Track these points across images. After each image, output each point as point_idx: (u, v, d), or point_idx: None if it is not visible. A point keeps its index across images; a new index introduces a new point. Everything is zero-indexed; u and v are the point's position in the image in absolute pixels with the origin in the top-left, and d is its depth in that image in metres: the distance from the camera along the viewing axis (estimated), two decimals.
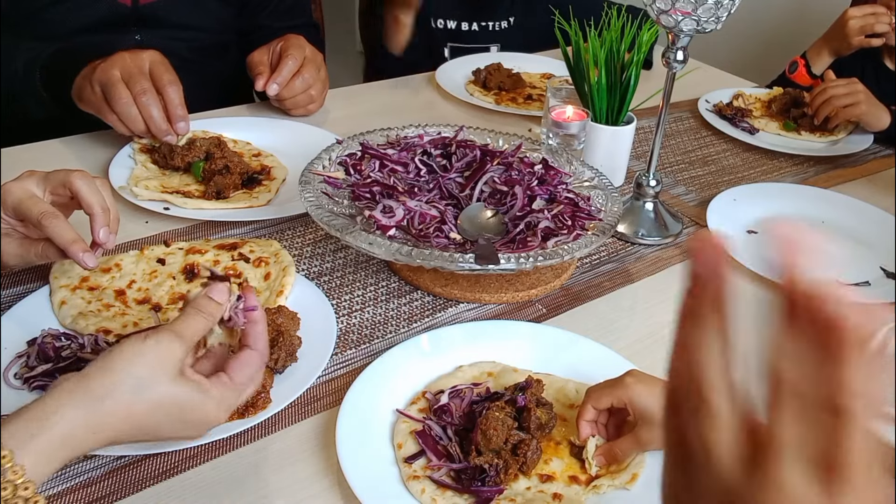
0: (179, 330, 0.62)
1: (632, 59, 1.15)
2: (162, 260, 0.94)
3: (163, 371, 0.60)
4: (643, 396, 0.70)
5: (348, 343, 0.89)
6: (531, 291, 0.97)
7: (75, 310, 0.85)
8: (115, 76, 1.08)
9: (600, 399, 0.73)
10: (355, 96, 1.55)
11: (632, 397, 0.70)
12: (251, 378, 0.66)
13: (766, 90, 1.65)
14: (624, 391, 0.71)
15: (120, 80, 1.08)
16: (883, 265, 1.10)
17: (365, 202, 0.96)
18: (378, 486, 0.68)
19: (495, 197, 1.00)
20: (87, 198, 0.80)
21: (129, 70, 1.09)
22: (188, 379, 0.62)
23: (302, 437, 0.76)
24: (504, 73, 1.58)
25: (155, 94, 1.10)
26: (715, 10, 0.92)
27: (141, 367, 0.59)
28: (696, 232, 0.72)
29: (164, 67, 1.12)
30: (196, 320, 0.64)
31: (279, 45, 1.33)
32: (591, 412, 0.73)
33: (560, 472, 0.72)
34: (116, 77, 1.08)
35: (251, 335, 0.67)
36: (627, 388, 0.71)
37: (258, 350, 0.67)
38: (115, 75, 1.08)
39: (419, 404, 0.78)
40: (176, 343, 0.61)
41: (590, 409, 0.73)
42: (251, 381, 0.66)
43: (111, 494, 0.68)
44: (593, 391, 0.74)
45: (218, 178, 1.11)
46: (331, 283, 0.98)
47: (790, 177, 1.37)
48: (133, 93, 1.08)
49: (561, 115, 1.26)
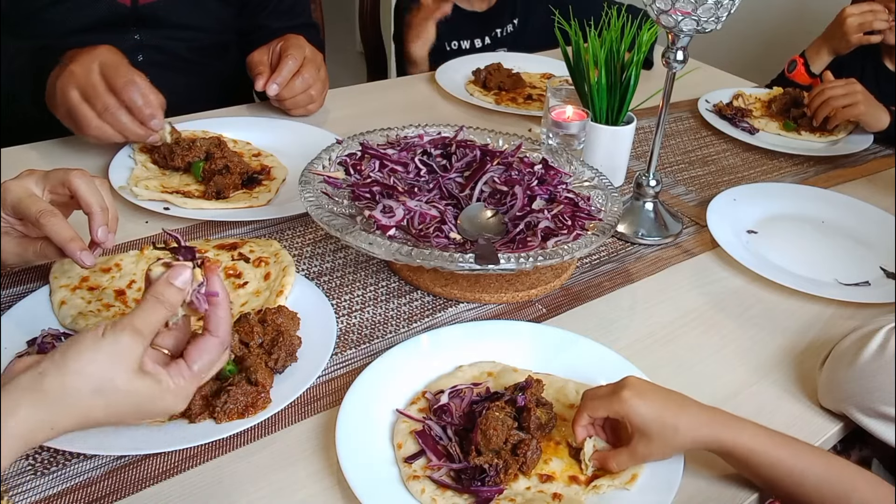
0: (138, 325, 0.61)
1: (632, 59, 1.15)
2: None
3: (121, 369, 0.59)
4: (640, 410, 0.69)
5: (348, 343, 0.89)
6: (531, 291, 0.97)
7: (75, 310, 0.85)
8: (74, 98, 1.06)
9: (596, 410, 0.72)
10: (355, 96, 1.55)
11: (628, 413, 0.69)
12: (210, 364, 0.65)
13: (766, 90, 1.65)
14: (620, 406, 0.70)
15: (81, 102, 1.06)
16: (883, 265, 1.10)
17: (365, 202, 0.96)
18: (378, 486, 0.68)
19: (495, 197, 1.00)
20: (86, 197, 0.80)
21: (85, 86, 1.06)
22: (146, 374, 0.61)
23: (302, 437, 0.76)
24: (504, 73, 1.58)
25: (118, 105, 1.07)
26: (715, 10, 0.92)
27: (98, 368, 0.58)
28: None
29: (115, 68, 1.08)
30: (155, 311, 0.62)
31: (279, 45, 1.33)
32: (586, 419, 0.73)
33: (560, 472, 0.72)
34: (76, 99, 1.06)
35: (212, 320, 0.65)
36: (624, 403, 0.69)
37: (219, 337, 0.65)
38: (74, 97, 1.06)
39: (419, 404, 0.78)
40: (134, 339, 0.60)
41: (585, 416, 0.73)
42: (210, 367, 0.65)
43: (111, 494, 0.68)
44: (589, 399, 0.73)
45: (218, 178, 1.11)
46: (331, 283, 0.98)
47: (790, 177, 1.37)
48: (97, 112, 1.06)
49: (561, 115, 1.26)
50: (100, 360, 0.58)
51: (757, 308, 1.00)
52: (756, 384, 0.87)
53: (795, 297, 1.01)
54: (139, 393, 0.60)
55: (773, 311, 0.99)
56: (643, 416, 0.69)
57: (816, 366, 0.87)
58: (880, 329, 0.79)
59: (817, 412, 0.84)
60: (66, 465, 0.70)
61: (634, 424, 0.70)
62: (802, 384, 0.87)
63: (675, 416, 0.69)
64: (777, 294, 1.02)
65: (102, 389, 0.58)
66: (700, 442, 0.69)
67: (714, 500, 0.72)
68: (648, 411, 0.69)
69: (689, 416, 0.69)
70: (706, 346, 0.93)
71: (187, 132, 1.24)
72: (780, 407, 0.84)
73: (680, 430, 0.68)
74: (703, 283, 1.05)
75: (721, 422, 0.70)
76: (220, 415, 0.73)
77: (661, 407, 0.69)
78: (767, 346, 0.93)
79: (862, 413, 0.78)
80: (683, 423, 0.69)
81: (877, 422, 0.78)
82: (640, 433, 0.70)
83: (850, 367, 0.79)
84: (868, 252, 1.13)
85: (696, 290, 1.03)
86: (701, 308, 0.99)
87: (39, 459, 0.70)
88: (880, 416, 0.77)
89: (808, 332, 0.96)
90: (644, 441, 0.69)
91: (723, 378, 0.88)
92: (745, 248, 1.10)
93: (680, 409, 0.70)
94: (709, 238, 1.12)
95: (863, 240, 1.16)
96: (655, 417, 0.69)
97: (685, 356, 0.90)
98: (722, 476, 0.74)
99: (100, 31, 1.31)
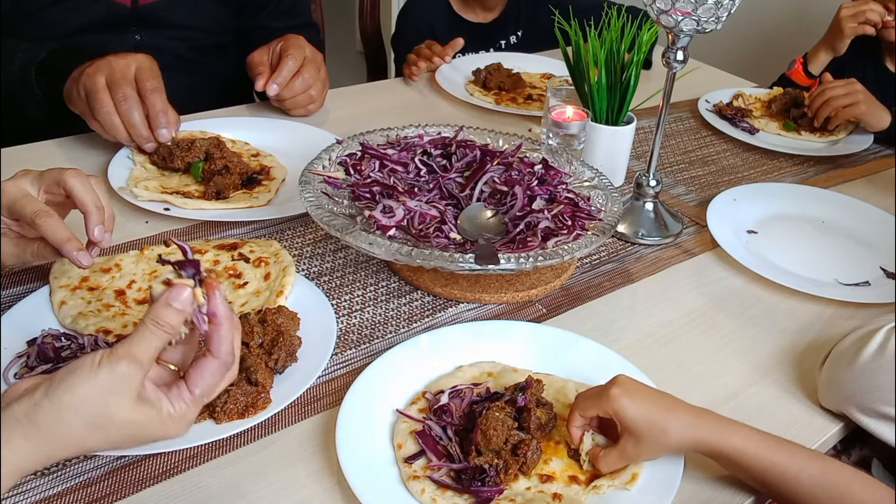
0: (135, 352, 0.58)
1: (632, 59, 1.15)
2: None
3: (117, 400, 0.57)
4: (629, 410, 0.69)
5: (348, 343, 0.89)
6: (531, 291, 0.97)
7: (75, 310, 0.85)
8: (99, 83, 1.07)
9: (587, 409, 0.72)
10: (355, 96, 1.55)
11: (617, 410, 0.69)
12: (213, 388, 0.63)
13: (766, 90, 1.65)
14: (609, 404, 0.69)
15: (104, 88, 1.07)
16: (883, 265, 1.10)
17: (365, 202, 0.96)
18: (378, 486, 0.68)
19: (495, 197, 1.00)
20: (81, 196, 0.80)
21: (114, 76, 1.08)
22: (145, 401, 0.59)
23: (302, 437, 0.76)
24: (504, 73, 1.58)
25: (137, 101, 1.08)
26: (715, 10, 0.92)
27: (94, 402, 0.56)
28: None
29: (150, 73, 1.10)
30: (154, 337, 0.59)
31: (279, 45, 1.33)
32: (578, 420, 0.73)
33: (560, 472, 0.72)
34: (101, 84, 1.07)
35: (214, 340, 0.62)
36: (612, 400, 0.69)
37: (220, 359, 0.62)
38: (100, 82, 1.07)
39: (419, 404, 0.78)
40: (132, 368, 0.57)
41: (577, 417, 0.73)
42: (212, 390, 0.63)
43: (111, 494, 0.68)
44: (580, 400, 0.73)
45: (217, 178, 1.11)
46: (331, 283, 0.98)
47: (790, 177, 1.37)
48: (114, 100, 1.07)
49: (561, 115, 1.26)
50: (95, 394, 0.56)
51: (757, 308, 1.00)
52: (756, 384, 0.87)
53: (795, 297, 1.01)
54: (137, 423, 0.59)
55: (773, 311, 0.99)
56: (632, 414, 0.68)
57: (816, 366, 0.87)
58: (880, 329, 0.79)
59: (817, 412, 0.84)
60: (66, 465, 0.70)
61: (623, 423, 0.69)
62: (802, 384, 0.87)
63: (664, 418, 0.68)
64: (777, 294, 1.02)
65: (98, 423, 0.57)
66: (690, 444, 0.69)
67: (714, 500, 0.72)
68: (637, 410, 0.68)
69: (679, 417, 0.69)
70: (706, 346, 0.93)
71: (185, 132, 1.24)
72: (780, 407, 0.84)
73: (669, 432, 0.68)
74: (703, 283, 1.05)
75: (712, 424, 0.69)
76: (220, 415, 0.73)
77: (650, 407, 0.69)
78: (767, 346, 0.93)
79: (862, 413, 0.78)
80: (673, 424, 0.68)
81: (877, 421, 0.78)
82: (628, 433, 0.69)
83: (849, 366, 0.79)
84: (868, 252, 1.13)
85: (696, 290, 1.03)
86: (701, 308, 0.99)
87: None
88: (880, 415, 0.77)
89: (808, 332, 0.96)
90: (633, 441, 0.69)
91: (723, 378, 0.87)
92: (745, 248, 1.10)
93: (669, 411, 0.69)
94: (709, 238, 1.12)
95: (863, 240, 1.16)
96: (644, 417, 0.68)
97: (685, 356, 0.90)
98: (722, 476, 0.74)
99: (100, 31, 1.32)
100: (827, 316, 0.99)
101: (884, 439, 0.77)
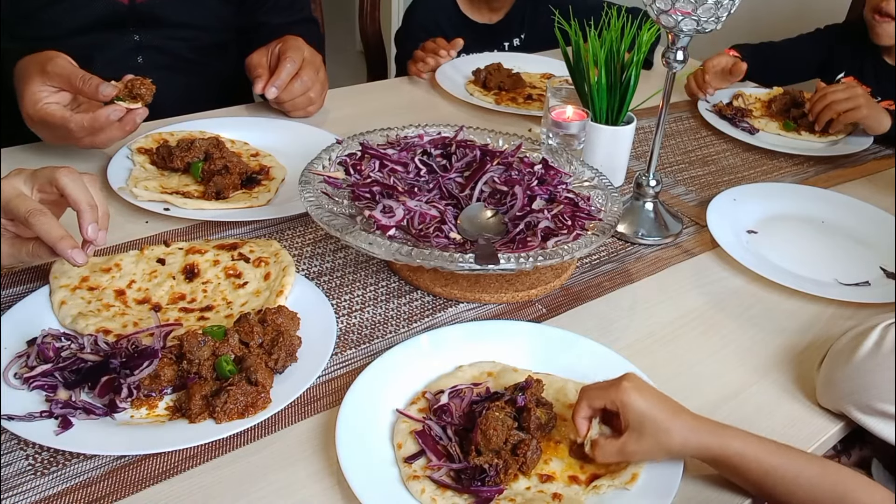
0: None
1: (632, 59, 1.15)
2: (162, 260, 0.94)
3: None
4: (637, 402, 0.69)
5: (348, 343, 0.89)
6: (531, 291, 0.97)
7: (75, 310, 0.85)
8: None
9: (594, 399, 0.72)
10: (355, 96, 1.55)
11: (625, 402, 0.70)
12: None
13: (766, 90, 1.65)
14: (618, 395, 0.70)
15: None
16: (883, 265, 1.10)
17: (365, 202, 0.96)
18: (378, 486, 0.68)
19: (495, 197, 1.00)
20: (74, 194, 0.79)
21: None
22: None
23: (302, 437, 0.76)
24: (504, 73, 1.58)
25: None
26: (715, 10, 0.92)
27: None
28: None
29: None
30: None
31: (277, 46, 1.32)
32: (585, 410, 0.73)
33: (560, 472, 0.72)
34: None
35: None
36: (622, 392, 0.70)
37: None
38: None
39: (419, 404, 0.78)
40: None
41: (584, 407, 0.73)
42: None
43: (111, 494, 0.68)
44: (589, 390, 0.73)
45: (217, 178, 1.11)
46: (331, 283, 0.98)
47: (790, 177, 1.37)
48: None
49: (561, 115, 1.26)
50: None
51: (757, 308, 1.00)
52: (756, 384, 0.87)
53: (795, 297, 1.01)
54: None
55: (773, 311, 0.99)
56: (639, 407, 0.69)
57: (815, 366, 0.87)
58: (876, 326, 0.80)
59: (817, 412, 0.84)
60: (66, 465, 0.70)
61: (629, 416, 0.70)
62: (802, 384, 0.87)
63: (668, 418, 0.69)
64: (777, 294, 1.02)
65: None
66: (690, 447, 0.69)
67: (713, 501, 0.72)
68: (644, 404, 0.69)
69: (682, 421, 0.70)
70: (706, 346, 0.93)
71: (185, 132, 1.24)
72: (779, 407, 0.84)
73: (672, 433, 0.69)
74: (703, 283, 1.05)
75: (712, 429, 0.70)
76: (220, 415, 0.73)
77: (656, 404, 0.70)
78: (767, 346, 0.93)
79: (860, 411, 0.78)
80: (676, 426, 0.69)
81: (875, 419, 0.78)
82: (632, 427, 0.70)
83: (846, 365, 0.79)
84: (868, 252, 1.13)
85: (696, 290, 1.03)
86: (701, 308, 0.99)
87: (39, 459, 0.70)
88: (878, 413, 0.77)
89: (808, 332, 0.96)
90: (635, 436, 0.70)
91: (723, 378, 0.87)
92: (745, 248, 1.10)
93: (674, 414, 0.70)
94: (709, 238, 1.12)
95: (863, 240, 1.16)
96: (650, 413, 0.69)
97: (685, 356, 0.90)
98: (721, 478, 0.74)
99: (99, 30, 1.31)
100: (827, 316, 0.99)
101: (882, 437, 0.77)
